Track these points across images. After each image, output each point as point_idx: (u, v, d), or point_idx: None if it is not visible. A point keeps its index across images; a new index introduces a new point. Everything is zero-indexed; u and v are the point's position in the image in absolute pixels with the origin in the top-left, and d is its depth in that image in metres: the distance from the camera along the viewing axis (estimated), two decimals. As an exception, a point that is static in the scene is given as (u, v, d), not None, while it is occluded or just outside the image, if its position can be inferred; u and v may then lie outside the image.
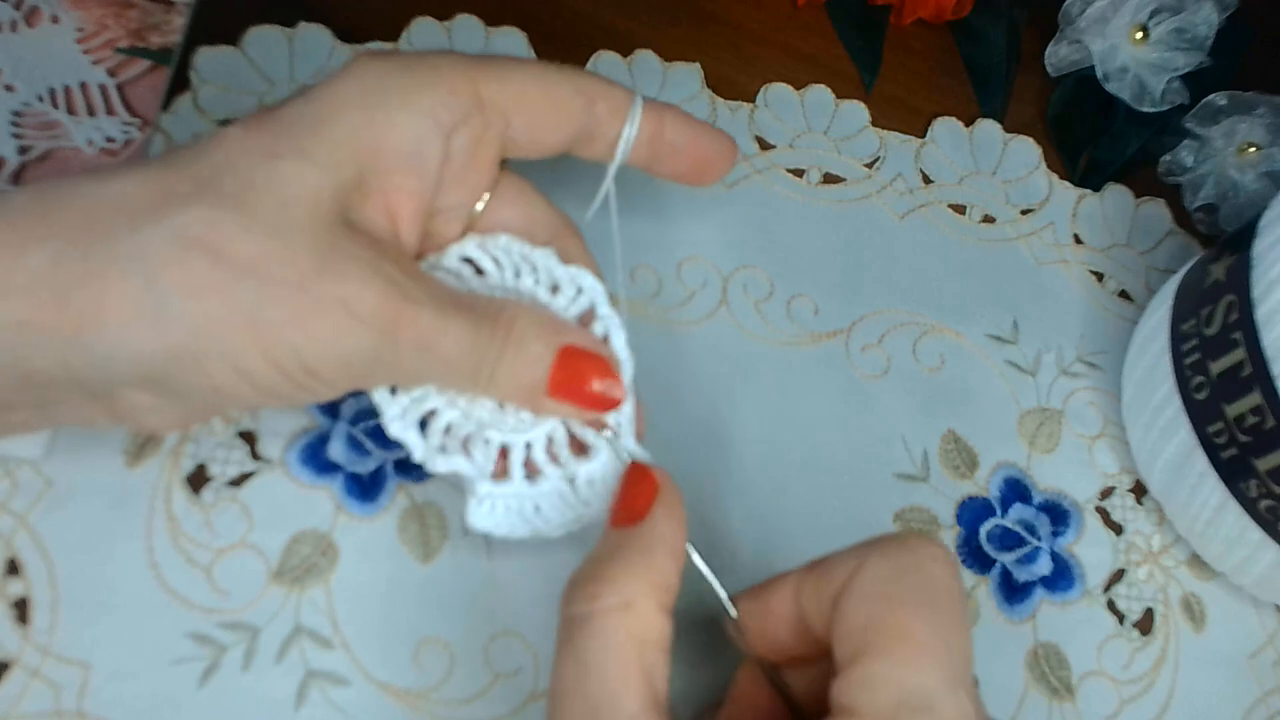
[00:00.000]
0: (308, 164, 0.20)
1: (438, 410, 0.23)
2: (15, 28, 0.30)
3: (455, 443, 0.23)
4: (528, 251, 0.24)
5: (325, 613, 0.25)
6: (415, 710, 0.25)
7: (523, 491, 0.23)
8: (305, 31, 0.32)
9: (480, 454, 0.23)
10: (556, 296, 0.24)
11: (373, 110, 0.21)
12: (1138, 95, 0.39)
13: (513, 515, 0.23)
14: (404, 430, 0.22)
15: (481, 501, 0.23)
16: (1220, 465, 0.29)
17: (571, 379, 0.22)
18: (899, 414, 0.32)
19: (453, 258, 0.24)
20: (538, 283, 0.24)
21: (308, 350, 0.19)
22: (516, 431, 0.23)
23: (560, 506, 0.24)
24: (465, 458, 0.23)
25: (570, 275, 0.24)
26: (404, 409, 0.22)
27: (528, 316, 0.22)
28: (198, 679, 0.24)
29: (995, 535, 0.31)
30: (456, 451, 0.23)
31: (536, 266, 0.24)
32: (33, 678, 0.23)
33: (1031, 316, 0.35)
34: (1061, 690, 0.30)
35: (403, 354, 0.20)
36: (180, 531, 0.25)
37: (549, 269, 0.24)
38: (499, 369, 0.22)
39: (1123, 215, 0.38)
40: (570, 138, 0.24)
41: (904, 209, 0.36)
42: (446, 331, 0.21)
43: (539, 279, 0.24)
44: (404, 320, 0.20)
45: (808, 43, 0.38)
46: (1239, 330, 0.28)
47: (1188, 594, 0.32)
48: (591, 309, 0.24)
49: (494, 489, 0.23)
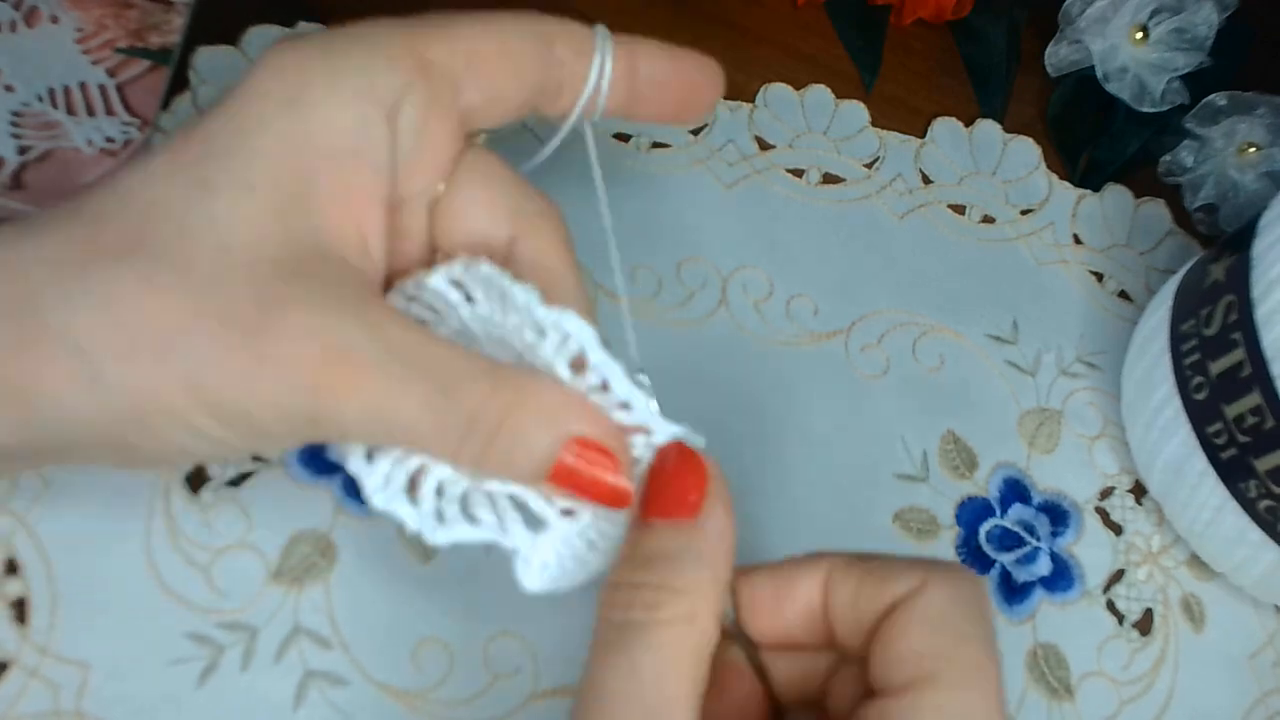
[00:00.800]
0: (243, 193, 0.17)
1: (425, 468, 0.19)
2: (14, 28, 0.30)
3: (453, 506, 0.20)
4: (507, 288, 0.20)
5: (324, 612, 0.25)
6: (414, 710, 0.25)
7: (566, 534, 0.20)
8: (305, 31, 0.32)
9: (486, 513, 0.20)
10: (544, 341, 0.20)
11: (297, 106, 0.18)
12: (1138, 95, 0.39)
13: (567, 563, 0.20)
14: (389, 503, 0.19)
15: (529, 561, 0.20)
16: (1220, 465, 0.29)
17: (576, 473, 0.19)
18: (898, 414, 0.32)
19: (439, 279, 0.20)
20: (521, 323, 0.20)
21: (255, 412, 0.17)
22: None
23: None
24: (470, 524, 0.20)
25: (554, 321, 0.20)
26: (386, 476, 0.19)
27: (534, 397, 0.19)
28: (196, 679, 0.24)
29: (994, 535, 0.31)
30: (458, 518, 0.20)
31: (517, 307, 0.20)
32: (31, 677, 0.23)
33: (1031, 317, 0.35)
34: (1061, 691, 0.30)
35: (352, 418, 0.18)
36: (179, 531, 0.25)
37: (530, 313, 0.20)
38: (489, 455, 0.19)
39: (1122, 215, 0.38)
40: (532, 91, 0.21)
41: (904, 209, 0.36)
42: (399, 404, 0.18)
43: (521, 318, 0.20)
44: (342, 383, 0.17)
45: (807, 42, 0.38)
46: (1238, 330, 0.28)
47: (1187, 594, 0.32)
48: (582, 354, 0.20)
49: (535, 541, 0.20)
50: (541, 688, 0.26)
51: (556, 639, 0.26)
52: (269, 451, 0.19)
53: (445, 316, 0.21)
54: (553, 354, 0.20)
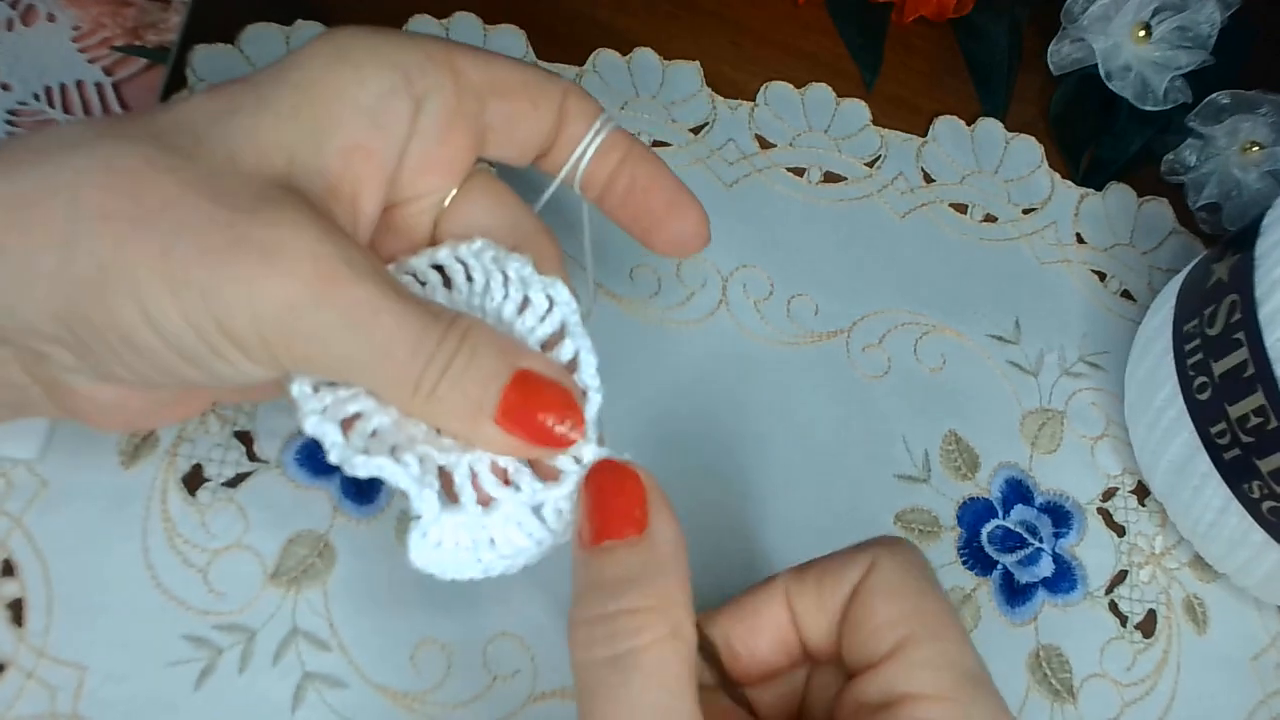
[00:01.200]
0: (264, 114, 0.18)
1: (365, 414, 0.19)
2: (11, 26, 0.30)
3: (382, 447, 0.19)
4: (502, 257, 0.21)
5: (322, 614, 0.25)
6: (413, 713, 0.25)
7: (476, 521, 0.19)
8: (302, 29, 0.32)
9: (414, 461, 0.19)
10: (525, 314, 0.21)
11: (339, 62, 0.19)
12: (1140, 94, 0.39)
13: (462, 552, 0.19)
14: (320, 425, 0.19)
15: (426, 533, 0.19)
16: (1223, 466, 0.29)
17: (526, 407, 0.19)
18: (900, 414, 0.32)
19: (423, 262, 0.21)
20: (507, 297, 0.21)
21: (218, 295, 0.17)
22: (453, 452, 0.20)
23: (520, 537, 0.20)
24: (393, 461, 0.19)
25: (544, 285, 0.21)
26: (325, 406, 0.19)
27: (487, 331, 0.19)
28: (194, 681, 0.24)
29: (997, 536, 0.31)
30: (383, 453, 0.19)
31: (509, 275, 0.21)
32: (28, 679, 0.23)
33: (1033, 316, 0.35)
34: (1063, 693, 0.30)
35: (329, 326, 0.17)
36: (176, 532, 0.25)
37: (522, 277, 0.21)
38: (444, 380, 0.18)
39: (1125, 214, 0.38)
40: (543, 136, 0.22)
41: (905, 208, 0.36)
42: (387, 311, 0.18)
43: (509, 291, 0.21)
44: (337, 282, 0.17)
45: (808, 41, 0.38)
46: (1242, 330, 0.28)
47: (1190, 596, 0.32)
48: (562, 328, 0.21)
49: (444, 515, 0.19)
50: (540, 690, 0.26)
51: (556, 641, 0.26)
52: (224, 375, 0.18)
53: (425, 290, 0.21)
54: (528, 332, 0.21)
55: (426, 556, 0.19)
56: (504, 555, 0.20)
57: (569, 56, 0.34)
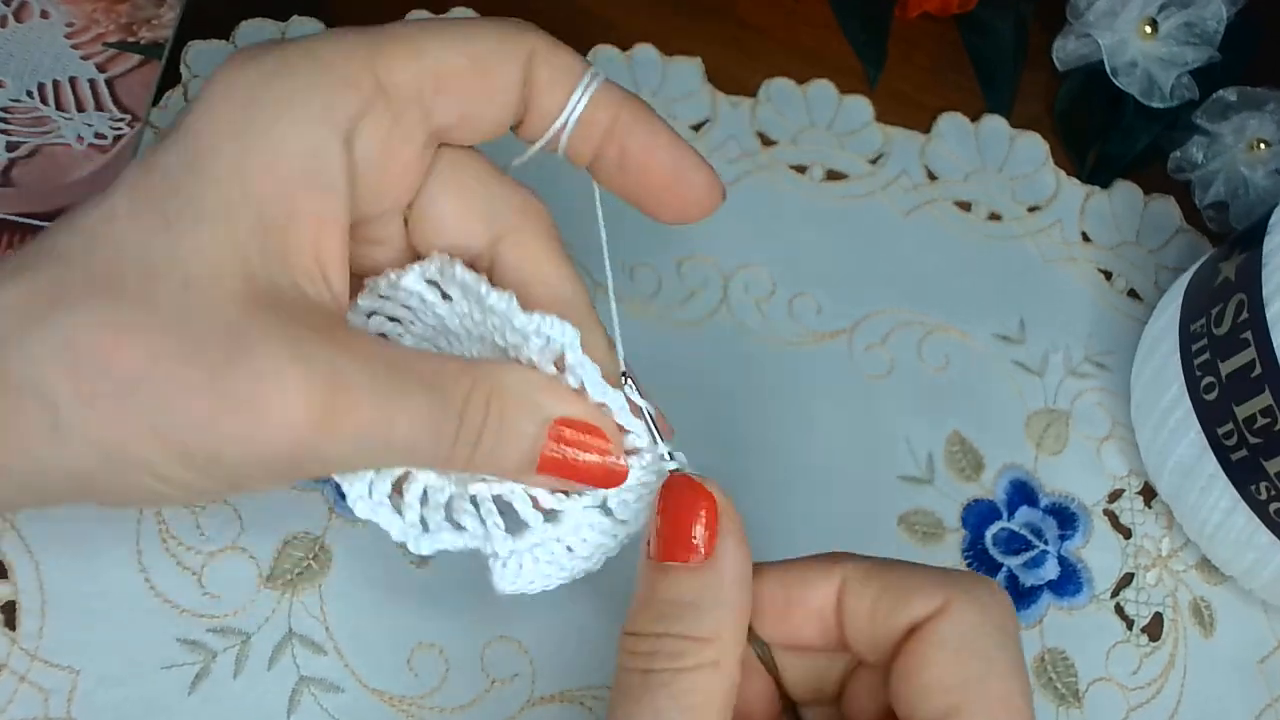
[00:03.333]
0: (200, 226, 0.17)
1: (409, 474, 0.19)
2: (4, 22, 0.30)
3: (437, 514, 0.19)
4: (484, 294, 0.19)
5: (318, 617, 0.25)
6: (410, 717, 0.24)
7: (547, 536, 0.20)
8: (298, 25, 0.32)
9: (471, 520, 0.20)
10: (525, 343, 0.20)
11: (247, 133, 0.17)
12: (1147, 90, 0.38)
13: (543, 565, 0.20)
14: (373, 511, 0.19)
15: (505, 563, 0.20)
16: (1230, 467, 0.29)
17: (565, 459, 0.19)
18: (903, 415, 0.32)
19: (414, 279, 0.20)
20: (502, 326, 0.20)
21: (226, 456, 0.17)
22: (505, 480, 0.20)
23: (595, 536, 0.20)
24: (454, 531, 0.19)
25: (534, 327, 0.19)
26: (369, 484, 0.19)
27: (513, 385, 0.18)
28: (188, 685, 0.23)
29: (1001, 539, 0.31)
30: (443, 526, 0.19)
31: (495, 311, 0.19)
32: (21, 683, 0.23)
33: (1039, 316, 0.35)
34: (1069, 697, 0.29)
35: (344, 450, 0.17)
36: (170, 534, 0.25)
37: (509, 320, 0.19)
38: (479, 452, 0.18)
39: (1131, 212, 0.38)
40: (510, 111, 0.20)
41: (908, 206, 0.35)
42: (396, 421, 0.17)
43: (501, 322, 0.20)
44: (337, 414, 0.17)
45: (811, 37, 0.38)
46: (1249, 330, 0.27)
47: (1197, 598, 0.32)
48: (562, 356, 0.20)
49: (518, 544, 0.20)
50: (539, 693, 0.25)
51: (554, 643, 0.26)
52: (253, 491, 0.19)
53: (419, 315, 0.20)
54: (537, 355, 0.19)
55: (512, 584, 0.20)
56: (584, 556, 0.20)
57: (568, 53, 0.34)
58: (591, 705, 0.25)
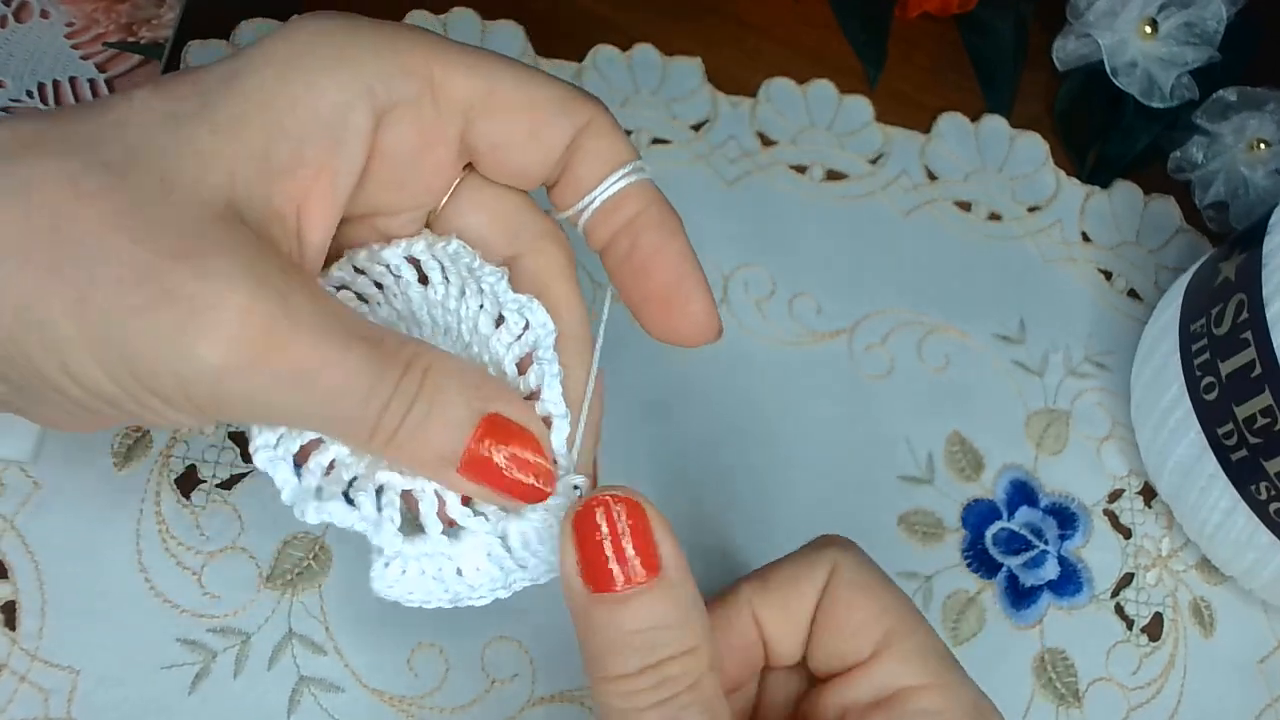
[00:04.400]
0: (204, 129, 0.16)
1: (325, 442, 0.18)
2: (4, 23, 0.30)
3: (336, 486, 0.18)
4: (476, 267, 0.19)
5: (318, 617, 0.25)
6: (410, 717, 0.24)
7: (441, 550, 0.18)
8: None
9: (368, 501, 0.18)
10: (500, 330, 0.19)
11: (294, 67, 0.17)
12: (1147, 90, 0.38)
13: (428, 580, 0.18)
14: (272, 463, 0.18)
15: (389, 562, 0.18)
16: (1230, 467, 0.29)
17: (492, 461, 0.17)
18: (903, 415, 0.32)
19: (395, 255, 0.19)
20: (483, 307, 0.19)
21: (144, 355, 0.15)
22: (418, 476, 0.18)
23: (489, 568, 0.19)
24: (346, 507, 0.18)
25: (518, 306, 0.19)
26: (278, 436, 0.18)
27: (451, 367, 0.17)
28: (188, 685, 0.23)
29: (1001, 539, 0.31)
30: (336, 497, 0.18)
31: (483, 289, 0.19)
32: (21, 683, 0.23)
33: (1039, 316, 0.34)
34: (1069, 697, 0.29)
35: (269, 384, 0.16)
36: (170, 534, 0.25)
37: (495, 295, 0.19)
38: (405, 427, 0.17)
39: (1131, 212, 0.38)
40: (546, 171, 0.19)
41: (908, 206, 0.35)
42: (334, 363, 0.16)
43: (485, 304, 0.19)
44: (272, 342, 0.16)
45: (811, 36, 0.38)
46: (1249, 330, 0.27)
47: (1197, 598, 0.32)
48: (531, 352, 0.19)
49: (405, 546, 0.18)
50: (539, 693, 0.25)
51: (554, 644, 0.26)
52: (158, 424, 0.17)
53: (390, 296, 0.20)
54: (504, 349, 0.19)
55: (389, 586, 0.18)
56: (471, 586, 0.19)
57: (568, 52, 0.34)
58: (591, 705, 0.25)
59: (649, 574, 0.17)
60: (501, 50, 0.33)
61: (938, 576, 0.30)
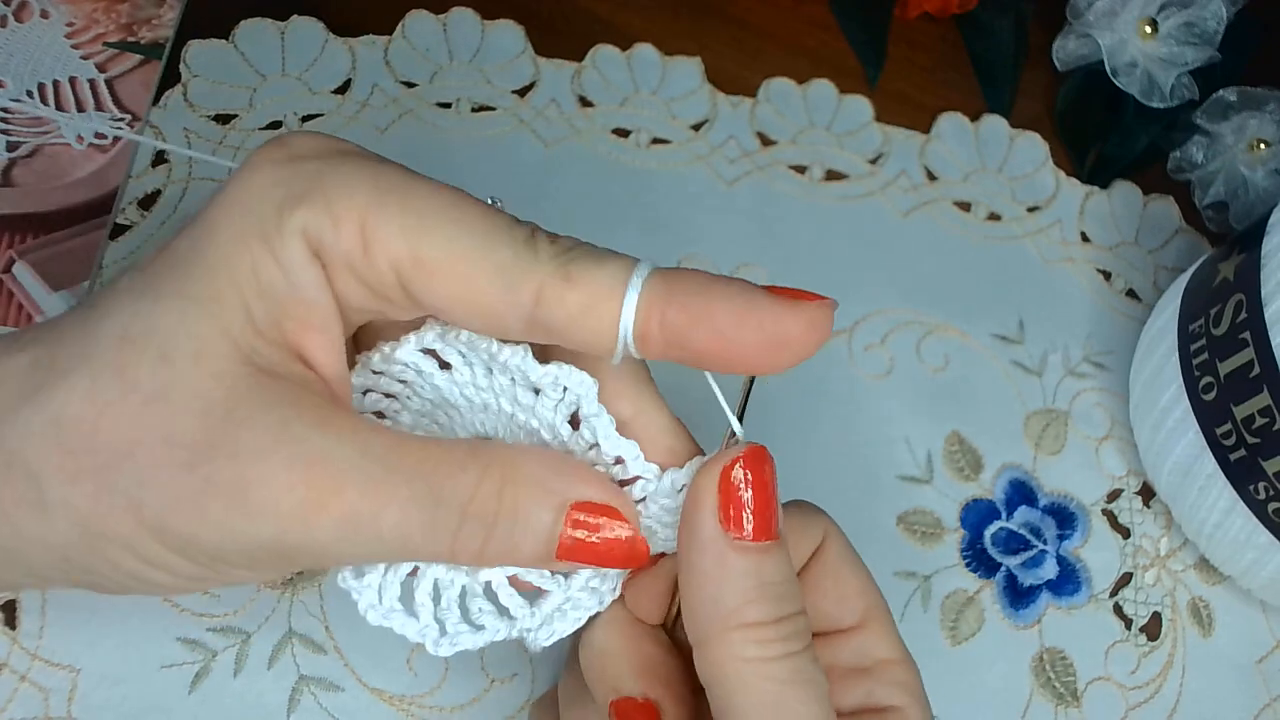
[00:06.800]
0: (187, 303, 0.16)
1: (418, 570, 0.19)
2: (4, 22, 0.30)
3: (452, 613, 0.19)
4: (495, 351, 0.18)
5: (318, 616, 0.25)
6: (409, 716, 0.24)
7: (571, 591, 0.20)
8: (297, 25, 0.32)
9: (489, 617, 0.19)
10: (541, 397, 0.19)
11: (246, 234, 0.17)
12: (1147, 90, 0.38)
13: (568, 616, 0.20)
14: (385, 618, 0.18)
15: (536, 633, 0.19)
16: (1229, 467, 0.29)
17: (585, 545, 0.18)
18: (902, 415, 0.32)
19: (409, 351, 0.19)
20: (514, 380, 0.19)
21: (206, 540, 0.16)
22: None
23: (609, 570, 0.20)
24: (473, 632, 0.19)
25: (551, 378, 0.18)
26: (378, 590, 0.19)
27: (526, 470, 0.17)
28: (188, 684, 0.23)
29: (1000, 538, 0.31)
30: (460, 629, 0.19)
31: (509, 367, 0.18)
32: (21, 682, 0.23)
33: (1038, 316, 0.35)
34: (1067, 696, 0.29)
35: (328, 538, 0.16)
36: (170, 534, 0.25)
37: (524, 371, 0.18)
38: (490, 545, 0.17)
39: (1131, 212, 0.38)
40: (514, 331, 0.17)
41: (908, 206, 0.35)
42: (384, 511, 0.16)
43: (515, 377, 0.19)
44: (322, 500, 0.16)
45: (810, 36, 0.38)
46: (1248, 330, 0.27)
47: (1196, 598, 0.32)
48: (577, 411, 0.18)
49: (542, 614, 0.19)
50: (539, 693, 0.25)
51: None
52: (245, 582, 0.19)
53: (416, 388, 0.19)
54: (551, 412, 0.18)
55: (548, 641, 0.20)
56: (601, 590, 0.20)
57: (568, 52, 0.34)
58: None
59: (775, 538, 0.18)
60: (501, 50, 0.34)
61: (936, 576, 0.30)
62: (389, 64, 0.32)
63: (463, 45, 0.33)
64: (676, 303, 0.17)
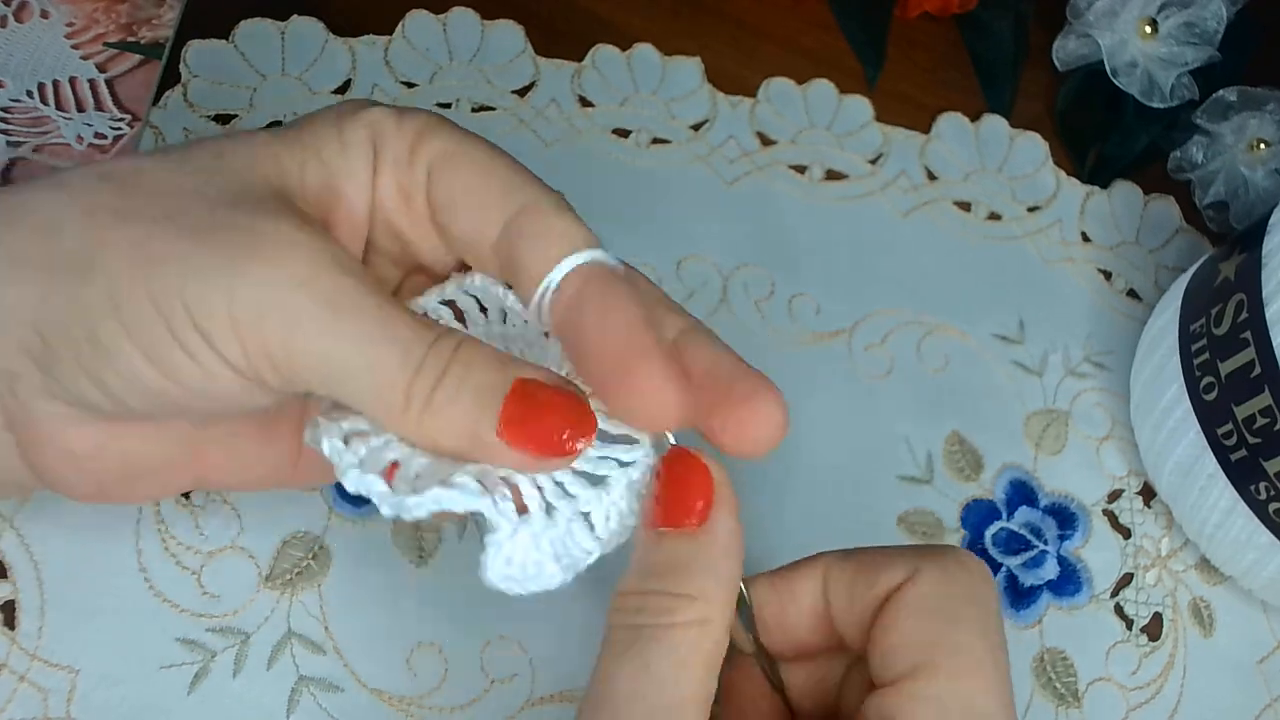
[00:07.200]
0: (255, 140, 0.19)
1: (403, 460, 0.18)
2: (4, 23, 0.30)
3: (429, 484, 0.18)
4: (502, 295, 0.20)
5: (317, 617, 0.25)
6: (409, 717, 0.24)
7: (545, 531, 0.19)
8: (297, 25, 0.32)
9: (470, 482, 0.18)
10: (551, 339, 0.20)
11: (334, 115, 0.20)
12: (1147, 90, 0.38)
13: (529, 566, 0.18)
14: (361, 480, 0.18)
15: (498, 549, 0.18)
16: (1230, 467, 0.29)
17: (530, 417, 0.17)
18: (902, 415, 0.32)
19: (432, 300, 0.20)
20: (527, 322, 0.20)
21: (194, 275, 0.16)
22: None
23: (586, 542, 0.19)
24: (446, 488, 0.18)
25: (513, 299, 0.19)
26: (361, 458, 0.18)
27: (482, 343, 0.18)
28: (187, 685, 0.23)
29: (1001, 539, 0.31)
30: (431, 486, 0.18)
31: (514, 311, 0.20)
32: (20, 682, 0.23)
33: (1038, 316, 0.34)
34: (1068, 697, 0.29)
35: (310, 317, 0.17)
36: (169, 534, 0.25)
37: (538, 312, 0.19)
38: (439, 391, 0.17)
39: (1131, 212, 0.38)
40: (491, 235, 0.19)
41: (908, 206, 0.35)
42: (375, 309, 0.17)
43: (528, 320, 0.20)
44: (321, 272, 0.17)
45: (810, 36, 0.38)
46: (1248, 330, 0.27)
47: (1196, 598, 0.32)
48: None
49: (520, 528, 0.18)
50: (539, 694, 0.25)
51: (554, 644, 0.26)
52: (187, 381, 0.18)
53: None
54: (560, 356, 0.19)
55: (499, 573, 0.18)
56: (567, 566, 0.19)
57: (568, 52, 0.34)
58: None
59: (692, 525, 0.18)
60: (501, 50, 0.34)
61: (937, 576, 0.30)
62: (389, 64, 0.32)
63: (463, 45, 0.33)
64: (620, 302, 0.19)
